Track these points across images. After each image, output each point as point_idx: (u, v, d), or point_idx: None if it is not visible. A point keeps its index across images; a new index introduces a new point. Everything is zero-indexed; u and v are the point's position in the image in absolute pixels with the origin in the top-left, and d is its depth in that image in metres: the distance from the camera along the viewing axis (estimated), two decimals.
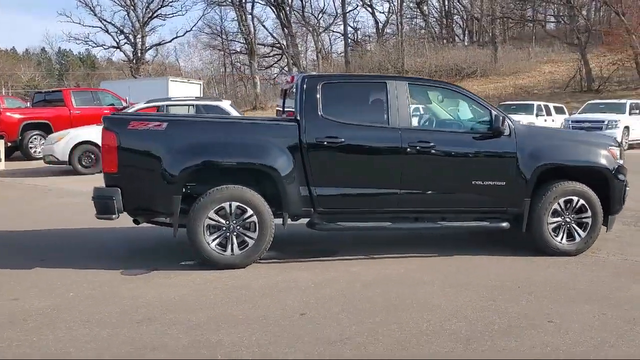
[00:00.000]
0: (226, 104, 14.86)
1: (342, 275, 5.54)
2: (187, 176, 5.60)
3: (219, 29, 53.15)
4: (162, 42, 53.36)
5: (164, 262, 5.97)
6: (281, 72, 61.16)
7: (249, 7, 48.91)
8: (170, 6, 50.38)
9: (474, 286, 5.18)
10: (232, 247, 5.70)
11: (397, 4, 48.55)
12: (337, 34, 60.88)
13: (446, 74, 39.28)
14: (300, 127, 5.81)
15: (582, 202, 6.23)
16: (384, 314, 4.45)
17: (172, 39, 56.01)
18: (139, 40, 50.01)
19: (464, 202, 6.16)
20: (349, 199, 5.95)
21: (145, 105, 14.75)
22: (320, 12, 55.82)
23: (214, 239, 5.67)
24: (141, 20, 49.99)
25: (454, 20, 57.87)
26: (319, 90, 5.92)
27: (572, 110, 26.71)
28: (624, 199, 6.47)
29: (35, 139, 17.67)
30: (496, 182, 6.12)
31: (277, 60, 59.31)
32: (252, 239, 5.73)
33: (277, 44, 55.81)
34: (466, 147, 6.11)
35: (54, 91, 20.71)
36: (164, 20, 53.70)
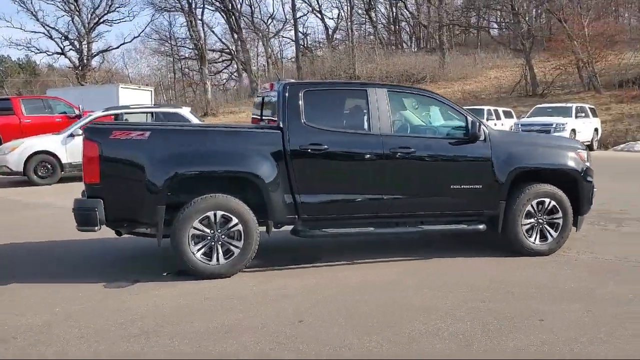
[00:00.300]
0: (186, 111, 14.77)
1: (329, 281, 5.58)
2: (171, 185, 5.54)
3: (168, 35, 52.42)
4: (109, 49, 52.19)
5: (146, 273, 5.87)
6: (230, 77, 60.97)
7: (199, 12, 48.46)
8: (117, 12, 49.43)
9: (460, 287, 5.31)
10: (217, 256, 5.66)
11: (347, 11, 49.06)
12: (287, 39, 61.15)
13: (397, 79, 39.78)
14: (283, 134, 5.84)
15: (553, 203, 6.48)
16: (380, 318, 4.52)
17: (120, 45, 54.76)
18: (84, 46, 48.74)
19: (442, 205, 6.31)
20: (332, 205, 6.00)
21: (102, 113, 14.48)
22: (269, 17, 55.90)
23: (199, 249, 5.62)
24: (87, 25, 48.79)
25: (401, 26, 58.90)
26: (301, 97, 5.96)
27: (519, 114, 27.61)
28: (592, 199, 6.76)
29: None
30: (473, 186, 6.30)
31: (227, 65, 59.03)
32: (237, 247, 5.71)
33: (227, 50, 55.51)
34: (444, 152, 6.27)
35: (2, 99, 19.97)
36: (111, 25, 52.77)
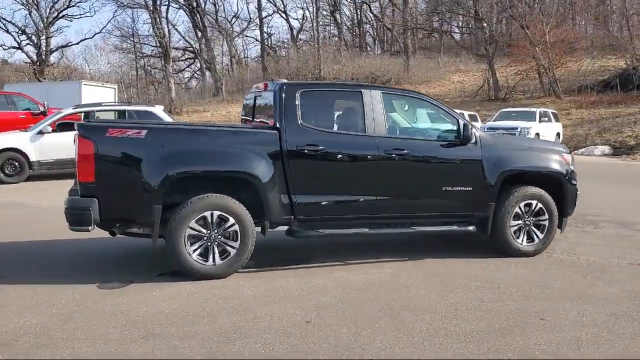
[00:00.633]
0: (159, 110, 14.55)
1: (328, 282, 5.58)
2: (168, 185, 5.45)
3: (131, 32, 51.52)
4: (68, 44, 50.86)
5: (139, 274, 5.77)
6: (193, 76, 60.31)
7: (163, 10, 47.76)
8: (77, 6, 48.18)
9: (457, 288, 5.38)
10: (213, 257, 5.60)
11: (312, 12, 49.12)
12: (251, 38, 60.81)
13: (362, 81, 40.09)
14: (280, 135, 5.82)
15: (540, 205, 6.63)
16: (387, 318, 4.54)
17: (80, 41, 53.59)
18: (42, 41, 47.41)
19: (434, 207, 6.38)
20: (328, 206, 6.00)
21: (72, 110, 14.16)
22: (233, 16, 55.54)
23: (195, 249, 5.55)
24: (45, 20, 47.47)
25: (365, 29, 59.31)
26: (297, 98, 5.95)
27: (483, 117, 28.11)
28: (576, 202, 6.95)
29: None
30: (464, 188, 6.39)
31: (190, 64, 58.39)
32: (233, 248, 5.65)
33: (190, 48, 54.90)
34: (437, 155, 6.34)
35: None
36: (71, 21, 51.29)
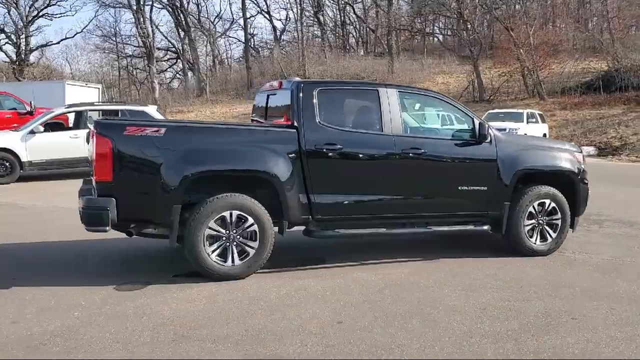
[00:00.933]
0: (152, 110, 14.37)
1: (348, 282, 5.52)
2: (188, 184, 5.34)
3: (113, 31, 50.92)
4: (48, 43, 50.06)
5: (154, 275, 5.66)
6: (175, 76, 59.79)
7: (146, 10, 47.29)
8: (57, 5, 47.53)
9: (479, 288, 5.35)
10: (232, 257, 5.51)
11: (296, 12, 49.04)
12: (233, 39, 60.57)
13: None
14: (299, 133, 5.75)
15: (553, 204, 6.64)
16: (418, 319, 4.49)
17: (61, 40, 52.25)
18: (22, 40, 46.63)
19: (450, 206, 6.35)
20: (345, 205, 5.94)
21: (64, 110, 13.96)
22: (216, 17, 55.26)
23: (214, 250, 5.45)
24: (25, 19, 46.70)
25: (348, 30, 59.34)
26: (315, 96, 5.88)
27: None
28: (587, 201, 6.97)
29: None
30: (479, 187, 6.37)
31: (172, 64, 57.90)
32: (252, 248, 5.57)
33: (172, 48, 54.48)
34: (453, 154, 6.32)
35: None
36: (51, 20, 50.43)
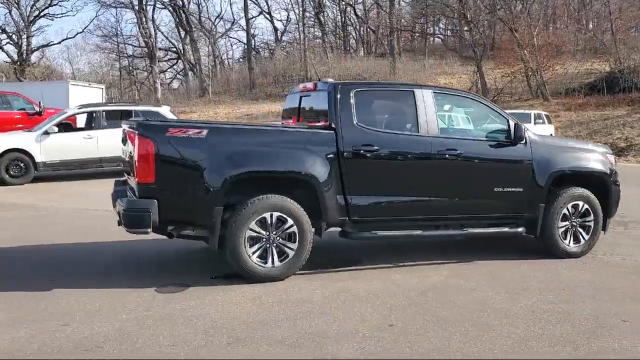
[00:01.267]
0: (166, 110, 14.38)
1: (388, 284, 5.49)
2: (229, 186, 5.31)
3: (115, 32, 50.77)
4: (50, 44, 49.93)
5: (191, 277, 5.64)
6: (175, 77, 59.64)
7: (148, 10, 47.19)
8: (59, 5, 47.39)
9: (521, 290, 5.33)
10: (272, 258, 5.49)
11: (298, 13, 49.02)
12: (234, 39, 60.50)
13: None
14: (337, 135, 5.72)
15: (586, 206, 6.62)
16: (470, 322, 4.47)
17: (62, 40, 52.22)
18: (23, 40, 46.50)
19: (485, 208, 6.34)
20: (382, 207, 5.92)
21: (78, 110, 13.92)
22: (217, 17, 55.18)
23: (255, 251, 5.43)
24: (26, 19, 46.57)
25: (349, 31, 59.31)
26: (352, 97, 5.86)
27: None
28: (618, 202, 6.96)
29: None
30: (514, 189, 6.35)
31: (172, 65, 57.80)
32: (292, 249, 5.55)
33: (173, 49, 54.42)
34: (489, 155, 6.30)
35: None
36: (52, 20, 50.39)
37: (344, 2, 53.81)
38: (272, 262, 5.49)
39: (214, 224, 5.28)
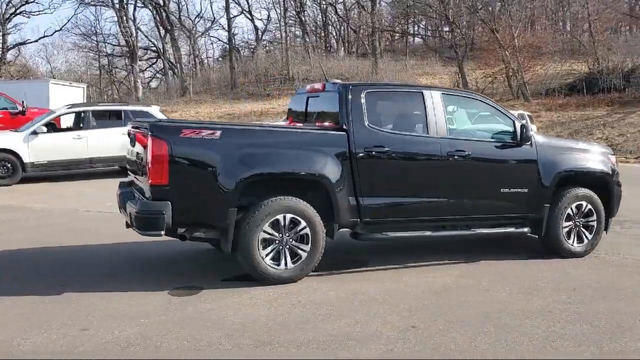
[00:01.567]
0: (155, 110, 14.24)
1: (401, 285, 5.50)
2: (243, 187, 5.27)
3: (94, 30, 50.08)
4: (26, 41, 49.07)
5: (201, 279, 5.62)
6: (154, 76, 59.01)
7: (129, 8, 46.59)
8: (36, 3, 46.61)
9: (534, 290, 5.37)
10: (285, 260, 5.46)
11: (279, 12, 48.92)
12: (214, 38, 60.12)
13: None
14: (349, 136, 5.71)
15: (590, 206, 6.71)
16: (491, 323, 4.49)
17: (39, 39, 51.15)
18: None
19: (492, 208, 6.38)
20: (392, 208, 5.92)
21: (66, 110, 13.71)
22: (197, 16, 54.72)
23: (268, 253, 5.40)
24: (1, 16, 45.73)
25: (329, 31, 59.32)
26: (363, 98, 5.86)
27: None
28: (620, 202, 7.06)
29: None
30: (521, 189, 6.40)
31: (152, 64, 57.24)
32: (304, 251, 5.53)
33: (153, 47, 53.90)
34: (496, 156, 6.35)
35: None
36: (29, 17, 49.53)
37: (324, 2, 53.80)
38: (285, 264, 5.47)
39: (227, 226, 5.23)
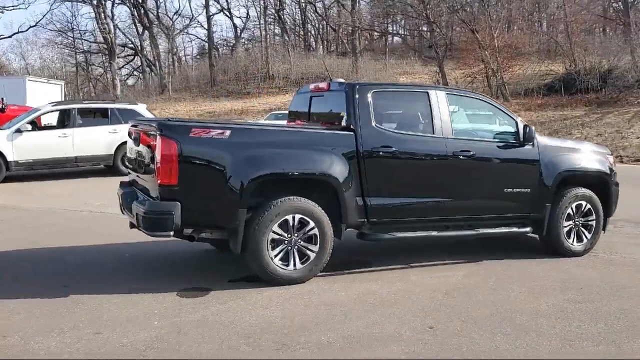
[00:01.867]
0: (142, 108, 14.06)
1: (410, 285, 5.49)
2: (253, 188, 5.21)
3: (70, 26, 49.28)
4: (0, 37, 48.16)
5: (208, 280, 5.55)
6: (132, 73, 58.30)
7: (107, 5, 45.98)
8: None
9: (542, 289, 5.40)
10: (294, 261, 5.42)
11: (259, 11, 48.71)
12: (193, 36, 59.61)
13: (312, 80, 40.05)
14: (356, 136, 5.69)
15: (589, 206, 6.78)
16: (506, 323, 4.50)
17: (13, 34, 50.23)
18: None
19: (496, 208, 6.41)
20: (399, 208, 5.91)
21: (52, 108, 13.47)
22: (175, 13, 54.20)
23: (277, 254, 5.35)
24: None
25: (308, 29, 59.24)
26: (370, 98, 5.84)
27: None
28: (617, 202, 7.15)
29: None
30: (524, 189, 6.45)
31: (129, 61, 56.53)
32: (313, 252, 5.49)
33: (130, 45, 53.26)
34: (500, 156, 6.39)
35: None
36: (2, 12, 48.40)
37: (303, 0, 53.68)
38: (294, 265, 5.42)
39: (237, 226, 5.17)
